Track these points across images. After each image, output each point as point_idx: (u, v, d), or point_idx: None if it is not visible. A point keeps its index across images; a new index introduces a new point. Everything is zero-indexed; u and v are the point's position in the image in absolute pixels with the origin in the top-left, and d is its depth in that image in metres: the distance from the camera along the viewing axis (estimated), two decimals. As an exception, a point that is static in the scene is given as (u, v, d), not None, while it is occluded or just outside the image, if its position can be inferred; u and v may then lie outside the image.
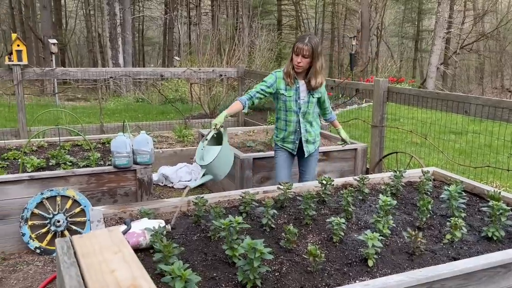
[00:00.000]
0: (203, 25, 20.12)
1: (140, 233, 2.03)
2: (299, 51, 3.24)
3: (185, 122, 7.59)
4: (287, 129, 3.46)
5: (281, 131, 3.51)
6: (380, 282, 1.67)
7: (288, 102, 3.38)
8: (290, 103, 3.39)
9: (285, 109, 3.41)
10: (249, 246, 1.73)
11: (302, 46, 3.22)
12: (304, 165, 3.64)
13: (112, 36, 15.69)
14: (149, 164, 3.79)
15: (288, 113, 3.42)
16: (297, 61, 3.26)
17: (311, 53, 3.24)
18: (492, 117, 3.29)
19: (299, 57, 3.25)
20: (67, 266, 1.05)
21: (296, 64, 3.28)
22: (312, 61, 3.30)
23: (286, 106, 3.40)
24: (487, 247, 2.15)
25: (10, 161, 4.04)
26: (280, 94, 3.38)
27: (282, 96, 3.38)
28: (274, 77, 3.38)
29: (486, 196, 2.65)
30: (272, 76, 3.39)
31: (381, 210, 2.34)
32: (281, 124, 3.49)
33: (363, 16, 17.42)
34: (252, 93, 3.32)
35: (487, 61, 26.16)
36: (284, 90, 3.36)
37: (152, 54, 33.97)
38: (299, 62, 3.26)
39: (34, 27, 21.22)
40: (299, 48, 3.23)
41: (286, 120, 3.45)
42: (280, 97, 3.39)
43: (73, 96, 14.59)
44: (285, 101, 3.39)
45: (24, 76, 6.02)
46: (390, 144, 6.35)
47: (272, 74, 3.41)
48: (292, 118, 3.42)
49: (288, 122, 3.44)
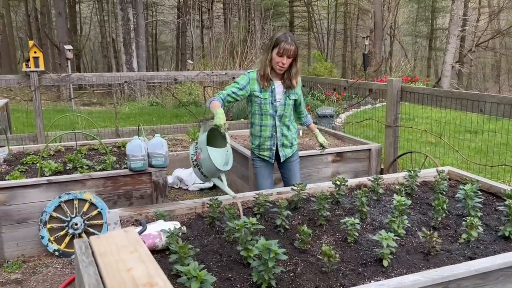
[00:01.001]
0: (215, 28, 20.24)
1: (156, 234, 2.07)
2: (285, 52, 3.02)
3: (199, 125, 7.64)
4: (262, 135, 3.26)
5: (256, 138, 3.30)
6: (395, 282, 1.67)
7: (263, 104, 3.18)
8: (266, 105, 3.18)
9: (260, 113, 3.20)
10: (263, 246, 1.74)
11: (289, 46, 3.01)
12: (286, 172, 3.44)
13: (126, 41, 15.89)
14: (164, 166, 3.83)
15: (263, 116, 3.21)
16: (282, 62, 3.05)
17: (295, 54, 3.07)
18: (508, 115, 3.24)
19: (284, 58, 3.04)
20: (86, 265, 1.08)
21: (280, 66, 3.07)
22: (293, 61, 3.12)
23: (262, 109, 3.19)
24: (504, 246, 2.13)
25: (28, 166, 4.12)
26: (254, 97, 3.17)
27: (257, 98, 3.17)
28: (247, 78, 3.15)
29: (502, 195, 2.62)
30: (244, 77, 3.15)
31: (395, 210, 2.33)
32: (256, 130, 3.28)
33: (376, 15, 17.31)
34: (223, 96, 3.07)
35: (503, 58, 25.77)
36: (259, 92, 3.16)
37: (166, 58, 34.28)
38: (284, 63, 3.06)
39: (50, 34, 21.60)
40: (286, 49, 3.01)
41: (261, 125, 3.24)
42: (254, 99, 3.18)
43: (89, 101, 14.80)
44: (260, 104, 3.18)
45: (41, 82, 6.14)
46: (405, 144, 6.30)
47: (245, 75, 3.18)
48: (268, 122, 3.22)
49: (263, 127, 3.24)
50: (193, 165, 2.60)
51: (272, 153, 3.31)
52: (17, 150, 4.66)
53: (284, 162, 3.42)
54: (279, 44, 3.02)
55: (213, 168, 2.50)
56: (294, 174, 3.45)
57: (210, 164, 2.48)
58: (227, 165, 2.64)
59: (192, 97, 11.87)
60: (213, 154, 2.53)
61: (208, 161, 2.48)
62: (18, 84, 6.21)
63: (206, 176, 2.57)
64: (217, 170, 2.51)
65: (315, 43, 28.75)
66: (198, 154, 2.56)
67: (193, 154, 2.61)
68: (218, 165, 2.50)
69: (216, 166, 2.48)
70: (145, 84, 13.73)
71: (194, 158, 2.59)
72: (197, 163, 2.56)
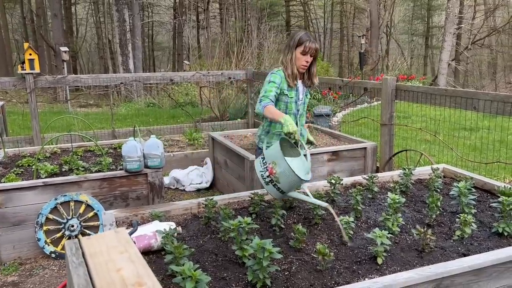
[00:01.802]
0: (212, 29, 20.23)
1: (151, 235, 2.07)
2: (310, 51, 3.02)
3: (195, 125, 7.65)
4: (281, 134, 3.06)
5: (275, 136, 3.17)
6: (389, 279, 1.68)
7: (289, 103, 3.14)
8: (292, 104, 3.15)
9: (286, 111, 3.14)
10: (258, 246, 1.75)
11: (313, 45, 3.02)
12: None
13: (122, 42, 15.87)
14: (160, 167, 3.84)
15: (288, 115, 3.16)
16: (306, 60, 3.05)
17: (317, 52, 3.10)
18: (501, 112, 3.26)
19: (308, 57, 3.05)
20: (75, 266, 1.09)
21: (304, 65, 3.07)
22: (313, 60, 3.13)
23: (287, 108, 3.14)
24: (498, 243, 2.15)
25: (24, 168, 4.12)
26: (283, 95, 3.12)
27: (284, 97, 3.12)
28: (279, 76, 3.10)
29: (496, 192, 2.63)
30: (278, 76, 3.10)
31: (390, 208, 2.34)
32: (275, 128, 3.16)
33: (372, 14, 17.34)
34: (271, 98, 2.98)
35: (499, 55, 25.84)
36: (287, 90, 3.12)
37: (162, 59, 34.24)
38: (307, 62, 3.07)
39: (46, 36, 21.55)
40: (310, 48, 3.01)
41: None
42: (281, 98, 3.13)
43: (85, 103, 14.78)
44: (286, 102, 3.13)
45: (37, 84, 6.14)
46: (401, 142, 6.32)
47: (276, 73, 3.11)
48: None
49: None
50: (265, 183, 2.35)
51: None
52: (13, 153, 4.65)
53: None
54: (304, 43, 3.01)
55: (295, 180, 2.29)
56: None
57: (292, 176, 2.27)
58: (308, 174, 2.44)
59: (189, 97, 11.87)
60: (293, 165, 2.33)
61: (289, 174, 2.27)
62: (14, 87, 6.20)
63: (283, 192, 2.34)
64: (300, 181, 2.30)
65: (311, 43, 28.74)
66: (270, 169, 2.32)
67: (263, 170, 2.36)
68: (301, 175, 2.30)
69: (299, 177, 2.27)
70: (142, 85, 13.71)
71: (266, 175, 2.34)
72: (272, 179, 2.31)
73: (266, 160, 2.36)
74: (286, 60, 3.09)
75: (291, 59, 3.07)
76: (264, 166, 2.36)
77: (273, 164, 2.31)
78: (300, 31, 3.14)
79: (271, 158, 2.34)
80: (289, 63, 3.08)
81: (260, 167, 2.38)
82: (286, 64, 3.10)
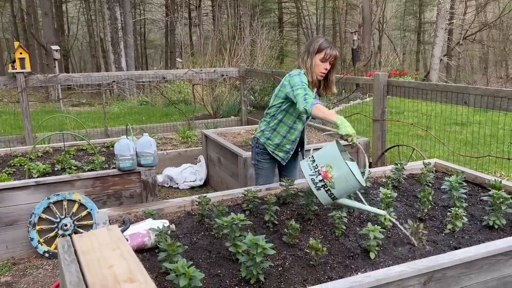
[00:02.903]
0: (204, 26, 20.17)
1: (145, 233, 2.07)
2: (330, 58, 2.91)
3: (188, 123, 7.64)
4: (287, 137, 3.08)
5: (278, 136, 3.09)
6: (381, 273, 1.70)
7: None
8: None
9: (297, 116, 3.03)
10: (251, 242, 1.76)
11: (334, 53, 2.91)
12: (289, 170, 3.31)
13: (114, 40, 15.78)
14: (153, 166, 3.83)
15: (297, 120, 3.05)
16: (324, 68, 2.93)
17: (335, 60, 2.97)
18: (492, 106, 3.29)
19: (327, 64, 2.93)
20: (68, 263, 1.09)
21: (323, 72, 2.94)
22: (332, 68, 3.00)
23: (301, 114, 3.01)
24: (489, 235, 2.17)
25: (16, 168, 4.10)
26: None
27: None
28: (306, 79, 2.90)
29: (487, 185, 2.66)
30: (305, 77, 2.91)
31: (382, 202, 2.36)
32: (283, 129, 3.06)
33: (364, 10, 17.37)
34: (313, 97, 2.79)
35: (490, 50, 25.99)
36: None
37: (155, 56, 34.09)
38: (326, 69, 2.94)
39: (37, 34, 21.37)
40: (331, 55, 2.90)
41: (291, 127, 3.06)
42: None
43: (78, 102, 14.70)
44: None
45: (28, 84, 6.09)
46: (393, 137, 6.35)
47: (304, 74, 2.93)
48: (299, 127, 3.08)
49: (292, 130, 3.07)
50: (317, 188, 2.17)
51: (288, 156, 3.17)
52: (5, 152, 4.62)
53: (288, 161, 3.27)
54: (324, 50, 2.90)
55: (354, 185, 2.15)
56: (295, 172, 3.36)
57: (352, 181, 2.13)
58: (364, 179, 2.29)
59: (182, 95, 11.83)
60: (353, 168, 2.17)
61: (349, 179, 2.12)
62: (5, 86, 6.15)
63: (335, 198, 2.18)
64: (359, 186, 2.16)
65: (304, 39, 28.78)
66: (325, 174, 2.14)
67: (314, 174, 2.18)
68: (360, 180, 2.15)
69: (359, 182, 2.13)
70: (134, 84, 13.65)
71: (318, 179, 2.16)
72: (325, 183, 2.15)
73: (318, 162, 2.18)
74: (306, 66, 2.96)
75: (311, 65, 2.94)
76: (315, 170, 2.17)
77: (328, 167, 2.13)
78: (320, 38, 3.02)
79: (325, 161, 2.17)
80: (309, 70, 2.95)
81: (309, 171, 2.19)
82: (307, 71, 2.96)
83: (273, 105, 3.06)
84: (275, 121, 3.08)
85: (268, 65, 11.43)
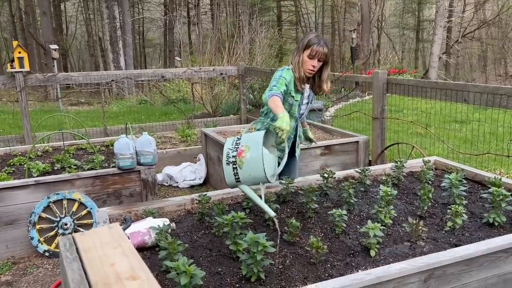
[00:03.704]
0: (203, 25, 20.15)
1: (145, 232, 2.07)
2: (316, 54, 2.88)
3: (188, 122, 7.63)
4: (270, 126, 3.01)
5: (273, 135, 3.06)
6: (381, 271, 1.70)
7: (294, 106, 3.01)
8: (295, 107, 3.02)
9: (289, 113, 2.95)
10: (251, 240, 1.76)
11: (322, 49, 2.87)
12: (289, 169, 3.26)
13: (112, 39, 15.76)
14: (152, 164, 3.83)
15: (290, 118, 2.89)
16: (312, 65, 2.91)
17: (327, 57, 2.93)
18: (491, 104, 3.29)
19: (315, 61, 2.90)
20: (69, 261, 1.09)
21: (311, 69, 2.93)
22: (324, 65, 2.99)
23: (291, 110, 3.00)
24: (489, 232, 2.17)
25: (16, 167, 4.09)
26: (288, 96, 2.97)
27: (290, 98, 2.98)
28: (290, 75, 2.94)
29: (487, 183, 2.67)
30: (289, 73, 2.94)
31: (382, 200, 2.36)
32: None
33: (363, 8, 17.36)
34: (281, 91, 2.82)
35: (489, 48, 26.02)
36: (294, 92, 2.98)
37: (154, 55, 34.06)
38: (314, 66, 2.92)
39: (35, 34, 21.33)
40: (318, 52, 2.87)
41: None
42: (287, 98, 2.97)
43: (76, 101, 14.68)
44: (291, 105, 2.99)
45: (27, 83, 6.08)
46: (393, 135, 6.35)
47: (288, 70, 2.96)
48: (292, 124, 3.04)
49: None
50: (227, 162, 2.18)
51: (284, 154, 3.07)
52: (4, 152, 4.62)
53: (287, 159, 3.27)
54: (311, 46, 2.88)
55: (259, 174, 2.13)
56: (295, 170, 3.36)
57: (259, 168, 2.11)
58: (273, 176, 2.29)
59: (181, 94, 11.82)
60: (266, 159, 2.18)
61: (257, 164, 2.11)
62: (3, 85, 6.14)
63: (238, 180, 2.18)
64: (263, 178, 2.15)
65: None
66: (240, 151, 2.15)
67: (232, 149, 2.19)
68: (268, 173, 2.15)
69: (265, 173, 2.13)
70: (133, 82, 13.63)
71: (232, 155, 2.18)
72: (235, 161, 2.15)
73: (242, 141, 2.20)
74: (294, 62, 2.97)
75: (298, 61, 2.94)
76: (235, 146, 2.20)
77: (246, 148, 2.14)
78: (311, 33, 3.01)
79: (247, 141, 2.19)
80: (297, 66, 2.95)
81: (230, 145, 2.22)
82: (294, 67, 2.97)
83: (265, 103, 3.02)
84: (268, 120, 3.07)
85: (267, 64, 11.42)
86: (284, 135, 2.39)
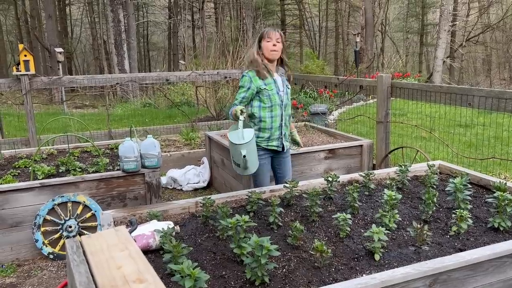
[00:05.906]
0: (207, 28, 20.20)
1: (149, 234, 2.08)
2: (272, 35, 3.25)
3: (192, 125, 7.64)
4: (273, 126, 3.32)
5: (266, 130, 3.33)
6: (386, 275, 1.69)
7: (272, 95, 3.27)
8: (274, 96, 3.28)
9: (270, 104, 3.28)
10: (256, 243, 1.76)
11: (274, 31, 3.27)
12: (280, 168, 3.52)
13: (117, 42, 15.83)
14: (157, 167, 3.84)
15: (273, 107, 3.29)
16: (272, 44, 3.24)
17: (283, 39, 3.30)
18: (496, 108, 3.28)
19: (274, 41, 3.25)
20: (77, 264, 1.10)
21: (273, 49, 3.25)
22: (282, 49, 3.34)
23: (271, 100, 3.27)
24: (494, 237, 2.16)
25: (21, 169, 4.11)
26: (262, 90, 3.25)
27: (264, 91, 3.25)
28: (248, 77, 3.27)
29: (492, 187, 2.66)
30: (245, 78, 3.28)
31: (386, 204, 2.36)
32: (267, 122, 3.31)
33: (367, 12, 17.38)
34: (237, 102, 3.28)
35: (494, 52, 25.94)
36: (264, 85, 3.25)
37: (158, 59, 34.17)
38: (275, 45, 3.25)
39: (41, 37, 21.45)
40: (272, 33, 3.26)
41: (271, 116, 3.30)
42: (263, 92, 3.25)
43: (81, 104, 14.74)
44: (269, 96, 3.26)
45: (32, 86, 6.12)
46: (397, 139, 6.34)
47: (245, 75, 3.30)
48: (277, 112, 3.31)
49: (273, 118, 3.30)
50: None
51: (280, 142, 3.39)
52: (9, 154, 4.64)
53: (278, 158, 3.48)
54: (265, 33, 3.28)
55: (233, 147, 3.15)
56: (288, 169, 3.53)
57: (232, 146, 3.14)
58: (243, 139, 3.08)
59: (185, 97, 11.85)
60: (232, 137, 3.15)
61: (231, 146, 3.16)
62: (9, 88, 6.17)
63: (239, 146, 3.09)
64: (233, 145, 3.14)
65: (307, 41, 28.80)
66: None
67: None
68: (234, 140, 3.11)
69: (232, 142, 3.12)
70: (137, 86, 13.69)
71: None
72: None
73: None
74: (254, 55, 3.31)
75: (257, 51, 3.31)
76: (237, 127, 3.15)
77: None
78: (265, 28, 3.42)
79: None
80: (258, 56, 3.29)
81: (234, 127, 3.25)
82: (255, 60, 3.30)
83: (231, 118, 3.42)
84: (257, 120, 3.35)
85: (271, 67, 11.41)
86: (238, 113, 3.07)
